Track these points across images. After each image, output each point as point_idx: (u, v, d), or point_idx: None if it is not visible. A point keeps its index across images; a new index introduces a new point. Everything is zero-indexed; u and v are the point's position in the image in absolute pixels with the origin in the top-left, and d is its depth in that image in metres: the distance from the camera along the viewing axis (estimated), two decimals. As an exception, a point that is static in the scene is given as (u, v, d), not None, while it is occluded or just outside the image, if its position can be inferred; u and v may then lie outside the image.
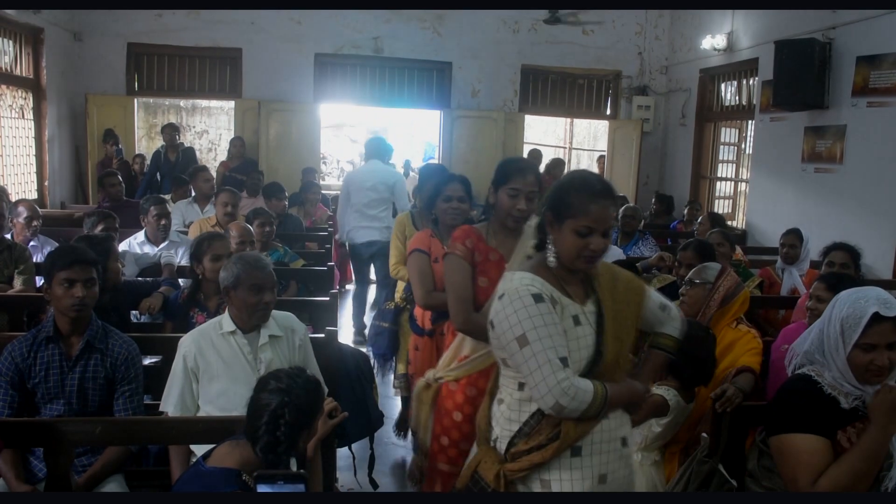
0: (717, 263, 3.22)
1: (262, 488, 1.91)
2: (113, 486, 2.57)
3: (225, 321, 2.74)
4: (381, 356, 4.05)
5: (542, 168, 9.23)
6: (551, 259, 1.94)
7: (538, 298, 1.86)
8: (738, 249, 5.30)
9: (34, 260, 4.40)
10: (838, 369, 2.08)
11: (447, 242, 2.98)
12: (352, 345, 6.76)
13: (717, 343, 2.85)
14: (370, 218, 6.24)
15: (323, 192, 8.38)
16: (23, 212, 4.77)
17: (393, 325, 3.95)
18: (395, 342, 3.98)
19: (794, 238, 5.00)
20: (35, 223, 4.81)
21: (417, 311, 3.54)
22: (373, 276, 6.66)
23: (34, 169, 8.14)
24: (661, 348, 2.16)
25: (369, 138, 7.34)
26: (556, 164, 9.44)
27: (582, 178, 1.96)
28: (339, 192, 7.42)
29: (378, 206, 6.27)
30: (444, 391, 2.64)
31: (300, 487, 1.91)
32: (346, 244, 6.68)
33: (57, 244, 4.49)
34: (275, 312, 2.85)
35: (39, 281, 3.99)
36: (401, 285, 4.15)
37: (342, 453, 3.57)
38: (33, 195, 7.99)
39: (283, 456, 2.02)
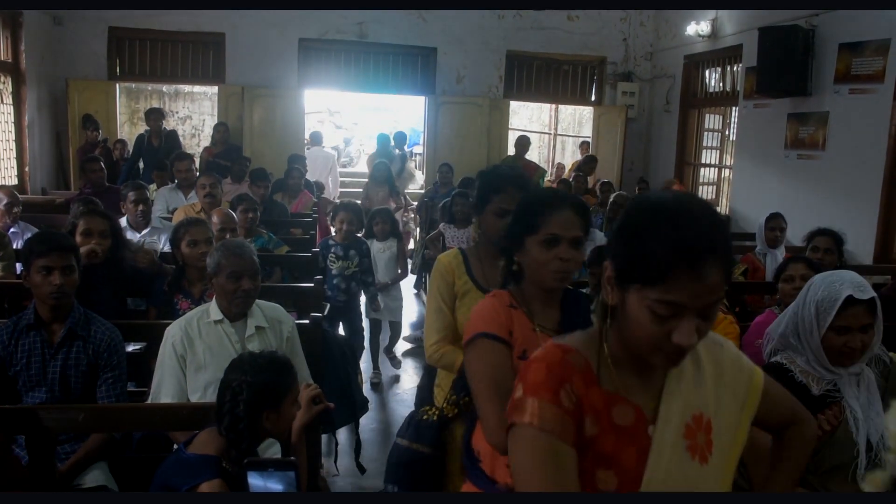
0: None
1: (253, 476, 1.90)
2: (96, 473, 2.55)
3: (212, 309, 2.72)
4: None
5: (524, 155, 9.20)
6: None
7: None
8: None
9: (15, 246, 4.35)
10: (812, 351, 2.10)
11: (538, 314, 1.86)
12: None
13: None
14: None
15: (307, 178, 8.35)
16: (2, 198, 4.71)
17: (434, 450, 2.26)
18: (438, 476, 2.28)
19: (780, 222, 5.04)
20: (16, 210, 4.76)
21: (481, 445, 1.82)
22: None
23: (14, 154, 8.03)
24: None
25: (312, 131, 10.18)
26: (522, 140, 9.26)
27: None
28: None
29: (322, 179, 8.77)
30: None
31: (290, 475, 1.91)
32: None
33: (38, 230, 4.43)
34: (262, 303, 2.83)
35: (20, 268, 3.94)
36: (445, 377, 2.38)
37: (326, 439, 3.57)
38: (13, 181, 7.89)
39: (245, 433, 2.03)
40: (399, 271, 5.53)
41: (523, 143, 9.22)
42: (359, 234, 5.21)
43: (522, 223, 1.86)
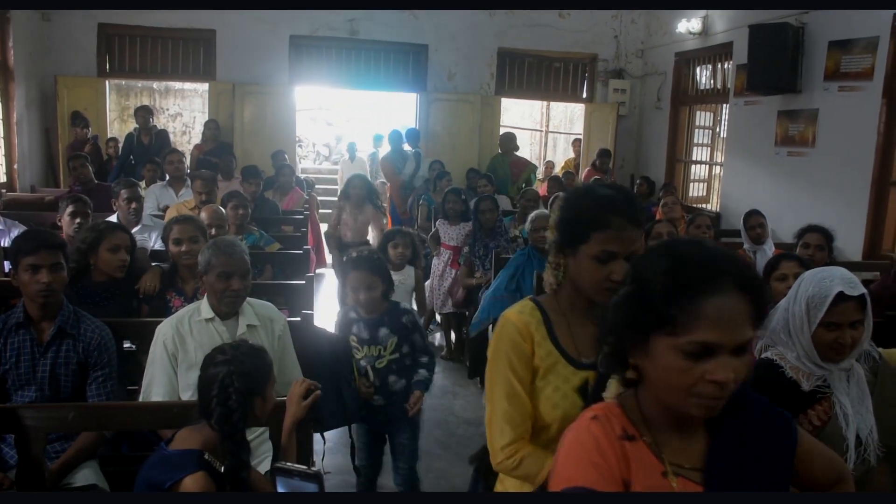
0: None
1: (279, 483, 1.96)
2: (87, 472, 2.54)
3: (203, 307, 2.71)
4: None
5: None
6: None
7: None
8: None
9: (2, 244, 4.32)
10: (802, 347, 2.11)
11: (670, 447, 1.18)
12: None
13: None
14: None
15: (298, 175, 8.34)
16: None
17: None
18: None
19: (759, 218, 5.09)
20: None
21: None
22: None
23: (3, 152, 7.97)
24: None
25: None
26: (506, 138, 9.37)
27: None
28: (315, 175, 8.88)
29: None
30: None
31: (312, 487, 1.93)
32: None
33: (25, 228, 4.40)
34: (254, 301, 2.82)
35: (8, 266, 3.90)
36: (513, 483, 1.65)
37: (317, 438, 3.54)
38: (2, 178, 7.84)
39: (239, 424, 2.02)
40: (414, 306, 4.40)
41: (509, 139, 9.16)
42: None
43: (643, 308, 1.11)
